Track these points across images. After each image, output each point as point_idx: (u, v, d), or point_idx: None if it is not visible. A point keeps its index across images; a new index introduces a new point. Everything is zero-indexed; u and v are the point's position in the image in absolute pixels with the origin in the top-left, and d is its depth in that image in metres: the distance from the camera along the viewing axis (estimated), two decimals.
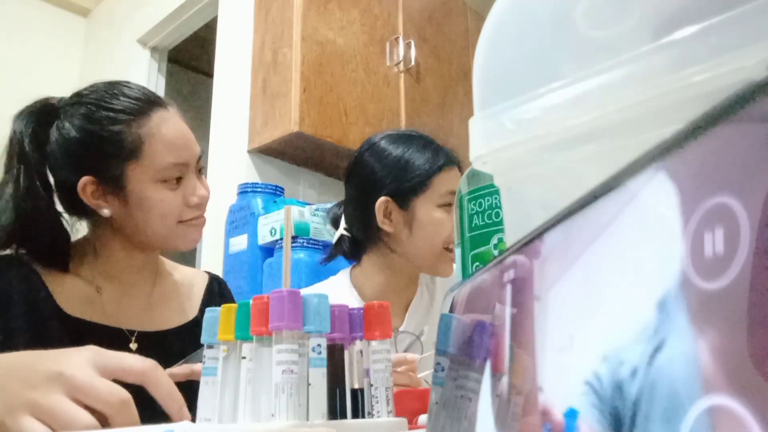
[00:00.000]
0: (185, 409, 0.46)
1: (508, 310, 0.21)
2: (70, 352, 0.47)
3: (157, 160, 0.81)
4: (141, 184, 0.81)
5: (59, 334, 0.77)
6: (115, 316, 0.84)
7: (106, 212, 0.82)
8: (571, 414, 0.14)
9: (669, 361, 0.11)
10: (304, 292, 0.42)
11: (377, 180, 1.10)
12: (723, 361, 0.10)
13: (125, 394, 0.44)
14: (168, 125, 0.83)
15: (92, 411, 0.43)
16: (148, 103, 0.84)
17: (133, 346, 0.83)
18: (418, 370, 1.00)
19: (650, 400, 0.11)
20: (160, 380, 0.46)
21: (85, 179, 0.81)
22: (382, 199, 1.08)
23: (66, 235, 0.85)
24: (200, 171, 0.89)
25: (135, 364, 0.46)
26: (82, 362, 0.45)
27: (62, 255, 0.83)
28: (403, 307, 1.13)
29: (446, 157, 1.10)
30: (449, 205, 1.06)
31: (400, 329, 1.10)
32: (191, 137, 0.86)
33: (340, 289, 1.14)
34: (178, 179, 0.83)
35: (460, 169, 1.13)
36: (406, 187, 1.07)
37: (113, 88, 0.85)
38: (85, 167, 0.81)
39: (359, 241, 1.15)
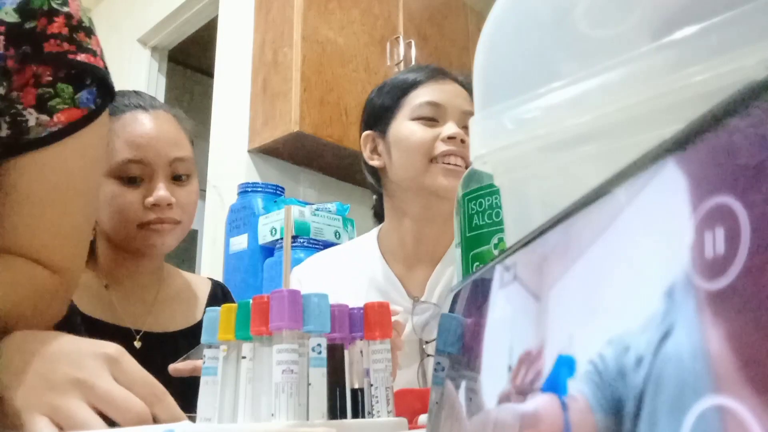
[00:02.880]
0: None
1: (504, 312, 0.21)
2: (91, 353, 0.47)
3: (115, 156, 0.81)
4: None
5: (76, 331, 0.79)
6: (122, 315, 0.86)
7: None
8: (561, 362, 0.15)
9: (675, 355, 0.11)
10: (324, 253, 0.41)
11: (364, 119, 1.07)
12: (725, 360, 0.10)
13: (142, 408, 0.44)
14: (135, 124, 0.84)
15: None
16: (128, 106, 0.85)
17: (137, 344, 0.85)
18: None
19: (656, 391, 0.11)
20: (159, 413, 0.46)
21: None
22: (364, 134, 1.04)
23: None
24: (179, 178, 0.86)
25: (143, 388, 0.46)
26: (101, 368, 0.46)
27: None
28: (430, 266, 1.00)
29: (426, 73, 0.99)
30: (424, 118, 0.96)
31: (425, 293, 0.97)
32: (166, 139, 0.85)
33: (362, 245, 1.07)
34: (138, 179, 0.82)
35: (463, 83, 1.01)
36: (381, 113, 1.01)
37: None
38: None
39: (377, 194, 1.08)
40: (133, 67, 3.03)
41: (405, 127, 0.97)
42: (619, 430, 0.12)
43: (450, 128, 0.95)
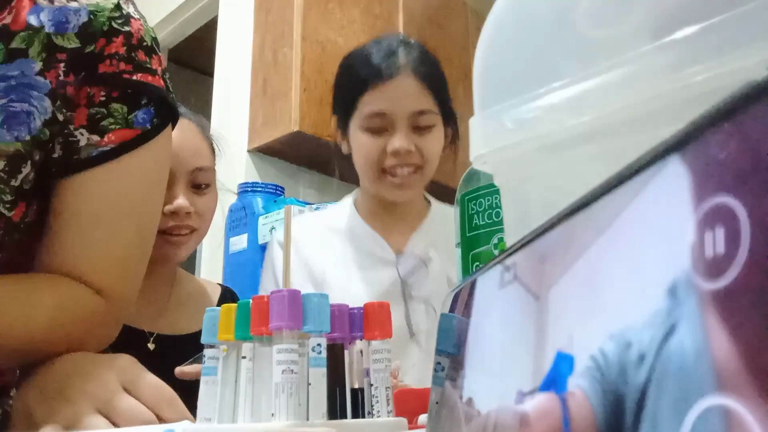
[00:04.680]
0: None
1: (504, 312, 0.21)
2: (102, 365, 0.50)
3: None
4: None
5: None
6: (136, 317, 0.87)
7: None
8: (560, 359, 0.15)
9: (678, 353, 0.11)
10: (301, 218, 0.41)
11: (333, 98, 1.07)
12: (727, 360, 0.10)
13: (148, 416, 0.46)
14: None
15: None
16: None
17: (151, 346, 0.86)
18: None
19: (659, 388, 0.11)
20: (168, 417, 0.48)
21: None
22: (334, 117, 1.06)
23: None
24: (198, 187, 0.87)
25: (151, 394, 0.48)
26: (110, 378, 0.48)
27: None
28: (409, 228, 1.06)
29: (378, 66, 0.96)
30: (372, 129, 0.97)
31: (406, 248, 1.02)
32: (188, 149, 0.86)
33: (341, 209, 1.10)
34: None
35: (421, 74, 0.98)
36: (341, 108, 1.02)
37: None
38: None
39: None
40: None
41: (357, 137, 0.98)
42: (620, 426, 0.12)
43: (395, 142, 0.95)
